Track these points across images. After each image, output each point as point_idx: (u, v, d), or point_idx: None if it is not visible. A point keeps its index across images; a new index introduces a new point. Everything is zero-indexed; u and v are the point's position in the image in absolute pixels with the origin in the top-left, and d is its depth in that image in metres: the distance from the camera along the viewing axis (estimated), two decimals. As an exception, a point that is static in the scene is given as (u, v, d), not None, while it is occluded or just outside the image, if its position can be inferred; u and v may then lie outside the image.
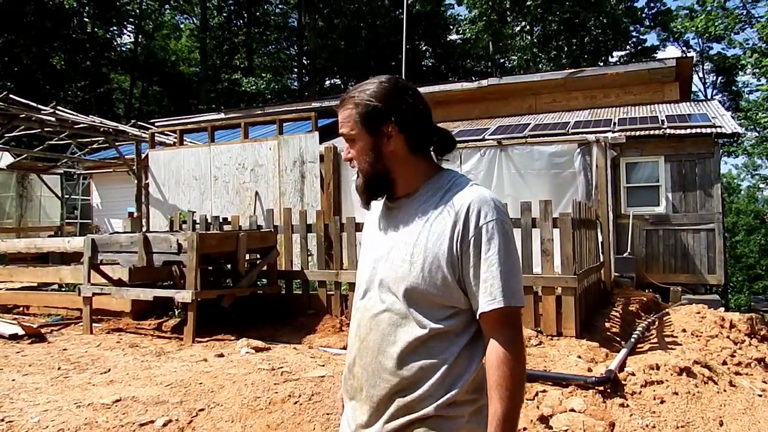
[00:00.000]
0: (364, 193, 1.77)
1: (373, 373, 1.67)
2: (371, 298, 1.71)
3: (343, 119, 1.73)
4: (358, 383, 1.71)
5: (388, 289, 1.67)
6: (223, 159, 10.97)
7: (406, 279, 1.63)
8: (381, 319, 1.67)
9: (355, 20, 39.29)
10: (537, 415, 4.14)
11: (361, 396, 1.71)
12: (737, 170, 55.09)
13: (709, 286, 11.86)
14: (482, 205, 1.63)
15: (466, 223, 1.61)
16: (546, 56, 34.36)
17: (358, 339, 1.73)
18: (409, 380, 1.63)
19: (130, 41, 40.99)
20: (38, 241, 10.06)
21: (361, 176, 1.75)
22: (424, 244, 1.64)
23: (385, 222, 1.78)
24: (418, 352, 1.63)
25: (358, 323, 1.75)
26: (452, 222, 1.62)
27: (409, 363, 1.63)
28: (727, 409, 4.61)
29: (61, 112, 13.09)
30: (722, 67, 38.21)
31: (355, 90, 1.74)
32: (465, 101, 17.60)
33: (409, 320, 1.64)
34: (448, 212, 1.64)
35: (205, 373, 4.84)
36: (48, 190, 17.79)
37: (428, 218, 1.66)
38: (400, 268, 1.65)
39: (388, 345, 1.65)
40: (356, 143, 1.73)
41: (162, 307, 7.77)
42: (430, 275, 1.61)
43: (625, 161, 12.18)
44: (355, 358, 1.74)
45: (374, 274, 1.72)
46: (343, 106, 1.74)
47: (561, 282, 6.20)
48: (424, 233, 1.65)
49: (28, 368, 5.30)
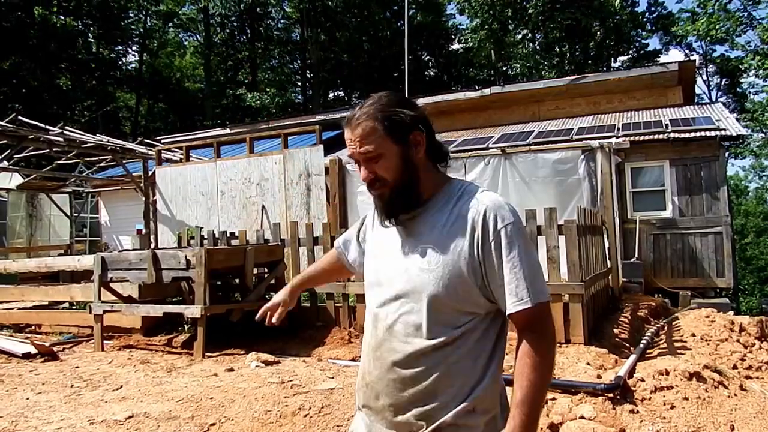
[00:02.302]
0: (392, 206, 1.73)
1: (390, 382, 1.68)
2: (387, 309, 1.71)
3: (362, 137, 1.68)
4: (374, 392, 1.73)
5: (407, 300, 1.67)
6: (230, 174, 11.05)
7: (426, 288, 1.64)
8: (397, 329, 1.67)
9: (357, 33, 39.48)
10: (547, 423, 4.15)
11: (377, 404, 1.72)
12: (744, 172, 54.86)
13: (718, 290, 11.82)
14: (498, 209, 1.66)
15: (485, 228, 1.64)
16: (548, 63, 34.41)
17: (373, 349, 1.74)
18: (427, 389, 1.65)
19: (135, 60, 41.36)
20: (49, 260, 10.12)
21: (388, 190, 1.71)
22: (442, 251, 1.65)
23: (397, 232, 1.77)
24: (436, 360, 1.64)
25: (372, 333, 1.76)
26: (470, 228, 1.65)
27: (427, 372, 1.64)
28: (738, 414, 4.60)
29: (68, 132, 13.22)
30: (726, 69, 38.07)
31: (365, 107, 1.70)
32: (468, 110, 17.64)
33: (427, 329, 1.64)
34: (465, 219, 1.66)
35: (215, 387, 4.87)
36: (57, 209, 17.91)
37: (444, 226, 1.68)
38: (418, 277, 1.66)
39: (405, 355, 1.66)
40: (381, 158, 1.68)
41: (172, 323, 7.81)
42: (450, 282, 1.63)
43: (630, 166, 12.18)
44: (370, 367, 1.75)
45: (390, 285, 1.72)
46: (356, 124, 1.69)
47: (568, 289, 6.21)
48: (441, 241, 1.66)
49: (42, 386, 5.34)
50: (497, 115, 17.38)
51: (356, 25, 39.38)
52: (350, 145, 1.71)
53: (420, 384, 1.65)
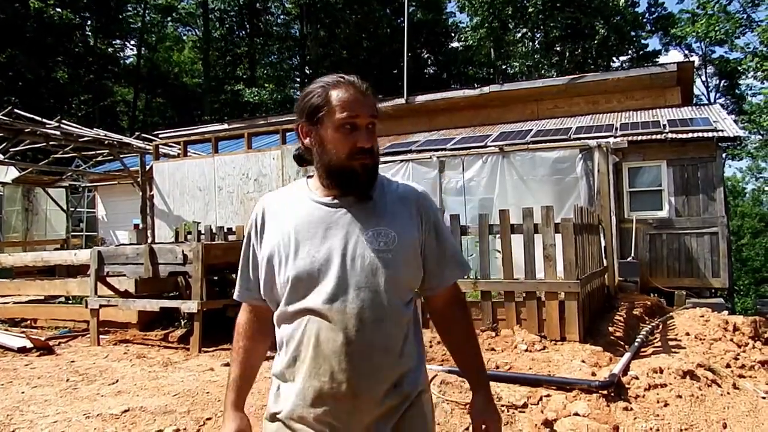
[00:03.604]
0: (372, 179, 1.73)
1: (371, 372, 1.63)
2: (347, 301, 1.62)
3: (374, 107, 1.72)
4: (348, 389, 1.62)
5: (366, 287, 1.64)
6: (227, 169, 11.04)
7: (387, 270, 1.66)
8: (366, 317, 1.62)
9: (357, 29, 39.48)
10: (541, 419, 4.16)
11: (354, 401, 1.63)
12: (741, 173, 54.95)
13: (713, 290, 11.86)
14: (427, 195, 1.85)
15: (426, 211, 1.79)
16: (548, 62, 34.44)
17: (342, 344, 1.62)
18: (403, 368, 1.70)
19: (133, 54, 41.30)
20: (45, 255, 10.11)
21: (373, 163, 1.71)
22: (396, 232, 1.70)
23: (334, 220, 1.71)
24: (406, 339, 1.72)
25: (332, 328, 1.63)
26: (414, 210, 1.77)
27: (402, 352, 1.70)
28: (730, 412, 4.63)
29: (65, 125, 13.21)
30: (725, 71, 38.17)
31: (363, 82, 1.74)
32: (467, 108, 17.65)
33: (392, 311, 1.67)
34: (406, 202, 1.78)
35: (211, 382, 4.88)
36: (53, 204, 17.88)
37: (389, 208, 1.74)
38: (377, 260, 1.66)
39: (380, 339, 1.64)
40: (375, 133, 1.73)
41: (168, 318, 7.80)
42: (406, 261, 1.71)
43: (628, 166, 12.21)
44: (338, 364, 1.62)
45: (342, 276, 1.64)
46: (367, 92, 1.73)
47: (564, 287, 6.22)
48: (392, 223, 1.71)
49: (37, 380, 5.34)
50: (496, 114, 17.39)
51: (356, 22, 39.37)
52: (361, 108, 1.69)
53: (400, 365, 1.69)
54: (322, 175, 1.74)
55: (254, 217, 1.84)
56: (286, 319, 1.72)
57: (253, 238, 1.83)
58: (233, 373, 1.90)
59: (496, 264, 7.18)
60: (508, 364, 5.32)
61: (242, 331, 1.92)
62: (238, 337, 1.92)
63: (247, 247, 1.87)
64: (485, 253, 6.76)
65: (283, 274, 1.69)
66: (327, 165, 1.71)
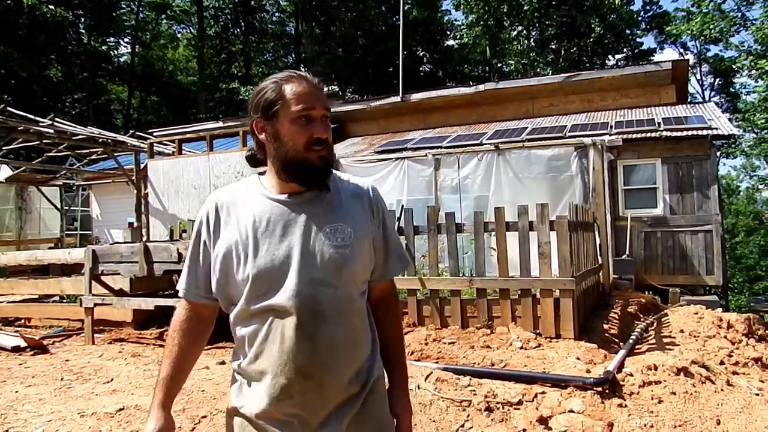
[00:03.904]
0: (329, 170, 1.76)
1: (335, 363, 1.67)
2: (309, 296, 1.65)
3: (327, 100, 1.77)
4: (315, 381, 1.65)
5: (326, 282, 1.67)
6: (222, 167, 11.03)
7: (345, 265, 1.70)
8: (328, 312, 1.66)
9: (352, 27, 39.37)
10: (536, 416, 4.17)
11: (320, 392, 1.66)
12: (736, 171, 55.18)
13: (707, 288, 11.89)
14: (377, 191, 1.91)
15: (376, 205, 1.86)
16: (543, 60, 34.43)
17: (307, 339, 1.64)
18: (363, 357, 1.77)
19: (127, 52, 41.15)
20: (39, 253, 10.09)
21: (329, 153, 1.75)
22: (352, 227, 1.74)
23: (291, 217, 1.72)
24: (364, 329, 1.78)
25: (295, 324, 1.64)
26: (366, 205, 1.83)
27: (361, 343, 1.76)
28: (724, 408, 4.64)
29: (59, 123, 13.16)
30: (720, 69, 38.22)
31: (314, 77, 1.78)
32: (463, 106, 17.65)
33: (352, 304, 1.74)
34: (358, 197, 1.83)
35: (207, 380, 4.87)
36: (47, 202, 17.82)
37: (344, 204, 1.79)
38: (336, 256, 1.69)
39: (342, 332, 1.69)
40: (329, 125, 1.77)
41: (163, 317, 7.80)
42: (362, 254, 1.76)
43: (623, 164, 12.22)
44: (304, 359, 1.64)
45: (300, 272, 1.66)
46: (319, 86, 1.77)
47: (559, 284, 6.24)
48: (347, 218, 1.76)
49: (32, 380, 5.33)
50: (491, 112, 17.39)
51: (351, 20, 39.26)
52: (315, 100, 1.72)
53: (361, 354, 1.75)
54: (278, 169, 1.75)
55: (204, 214, 1.82)
56: (246, 317, 1.72)
57: (205, 236, 1.81)
58: (165, 371, 1.84)
59: (492, 261, 7.20)
60: (504, 361, 5.33)
61: (180, 330, 1.87)
62: (175, 335, 1.86)
63: (196, 245, 1.84)
64: (480, 251, 6.77)
65: (243, 272, 1.69)
66: (284, 158, 1.72)
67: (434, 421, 3.96)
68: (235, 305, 1.74)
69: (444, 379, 4.58)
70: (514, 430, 4.01)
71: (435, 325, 6.82)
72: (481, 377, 4.80)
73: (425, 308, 6.98)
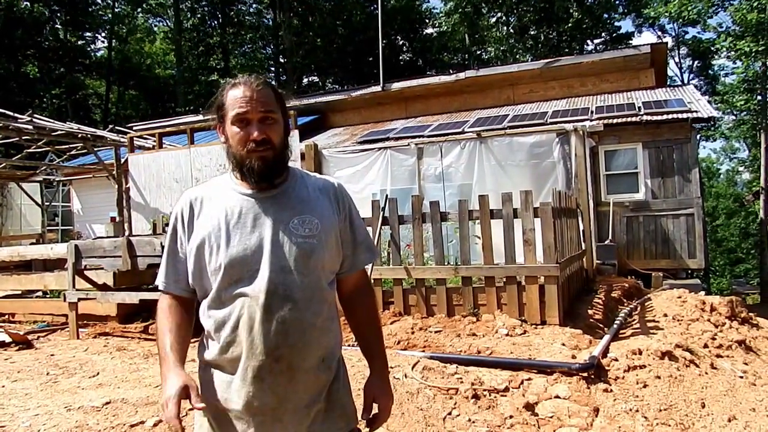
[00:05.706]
0: (272, 169, 1.82)
1: (304, 346, 1.76)
2: (280, 284, 1.73)
3: (265, 100, 1.81)
4: (285, 363, 1.74)
5: (295, 270, 1.76)
6: (204, 160, 10.94)
7: (313, 254, 1.79)
8: (297, 298, 1.75)
9: (331, 17, 39.20)
10: (523, 402, 4.20)
11: (290, 374, 1.75)
12: (716, 154, 55.69)
13: (690, 271, 12.02)
14: (342, 186, 2.02)
15: (342, 199, 1.96)
16: (522, 46, 34.50)
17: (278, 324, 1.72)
18: (330, 342, 1.86)
19: (104, 46, 40.63)
20: (21, 249, 9.98)
21: (272, 153, 1.81)
22: (319, 220, 1.84)
23: (261, 209, 1.81)
24: (330, 317, 1.86)
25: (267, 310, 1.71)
26: (333, 199, 1.93)
27: (328, 329, 1.84)
28: (708, 391, 4.71)
29: (38, 119, 12.99)
30: (698, 52, 38.40)
31: (258, 78, 1.85)
32: (443, 95, 17.68)
33: (319, 292, 1.81)
34: (325, 192, 1.93)
35: (193, 373, 4.84)
36: (28, 198, 17.59)
37: (311, 198, 1.88)
38: (305, 245, 1.78)
39: (310, 317, 1.77)
40: (274, 124, 1.83)
41: (148, 310, 7.75)
42: (329, 246, 1.85)
43: (604, 149, 12.31)
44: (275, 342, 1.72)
45: (271, 261, 1.74)
46: (257, 87, 1.82)
47: (543, 271, 6.27)
48: (315, 211, 1.85)
49: (17, 374, 5.29)
50: (472, 99, 17.43)
51: (330, 9, 39.09)
52: (250, 104, 1.79)
53: (326, 340, 1.84)
54: (233, 168, 1.87)
55: (179, 210, 1.91)
56: (218, 305, 1.79)
57: (180, 231, 1.90)
58: (167, 341, 1.85)
59: (476, 249, 7.22)
60: (490, 348, 5.36)
61: (169, 311, 1.90)
62: (163, 315, 1.90)
63: (173, 240, 1.92)
64: (465, 239, 6.78)
65: (215, 261, 1.77)
66: (233, 158, 1.85)
67: (421, 409, 3.97)
68: (208, 296, 1.81)
69: (431, 368, 4.60)
70: (501, 416, 4.03)
71: (421, 313, 6.84)
72: (467, 365, 4.83)
73: (411, 297, 7.00)
